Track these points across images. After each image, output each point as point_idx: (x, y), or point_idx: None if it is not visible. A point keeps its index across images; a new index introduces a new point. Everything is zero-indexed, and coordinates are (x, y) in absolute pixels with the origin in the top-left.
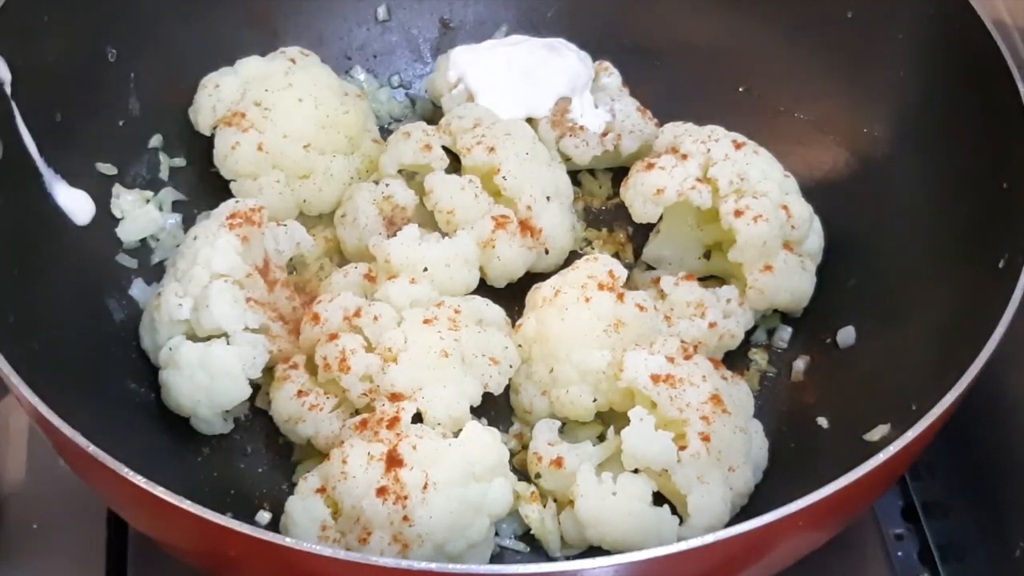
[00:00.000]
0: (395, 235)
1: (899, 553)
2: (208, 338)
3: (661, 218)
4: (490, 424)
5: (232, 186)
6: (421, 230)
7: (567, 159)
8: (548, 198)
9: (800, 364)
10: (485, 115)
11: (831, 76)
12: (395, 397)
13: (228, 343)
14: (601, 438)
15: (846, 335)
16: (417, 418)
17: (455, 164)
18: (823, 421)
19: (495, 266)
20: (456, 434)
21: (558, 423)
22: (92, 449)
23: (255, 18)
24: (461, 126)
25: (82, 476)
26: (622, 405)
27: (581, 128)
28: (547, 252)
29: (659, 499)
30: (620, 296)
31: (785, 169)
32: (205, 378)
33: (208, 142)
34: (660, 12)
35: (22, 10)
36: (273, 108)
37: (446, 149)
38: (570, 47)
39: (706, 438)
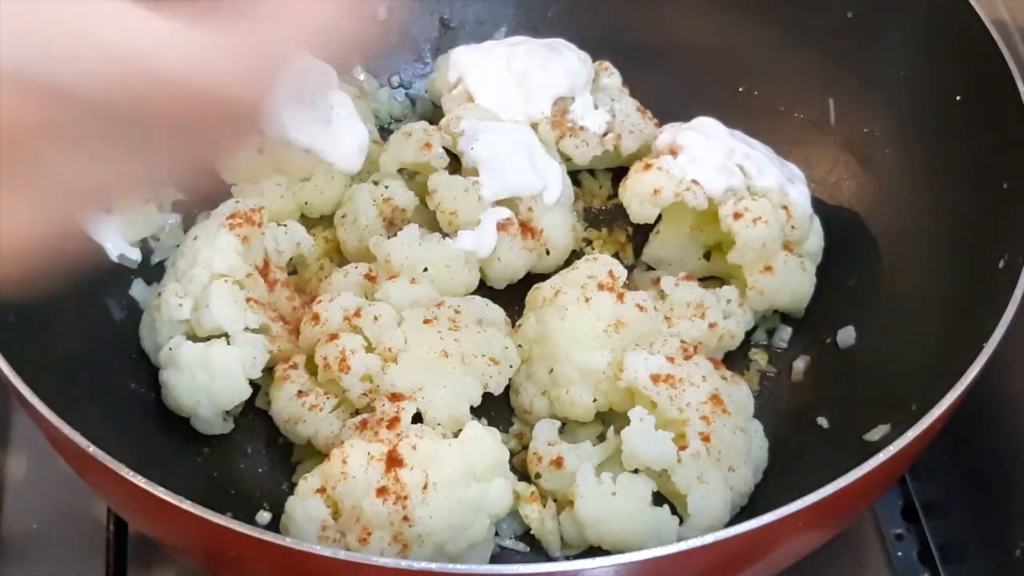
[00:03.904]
0: (395, 235)
1: (899, 553)
2: (208, 338)
3: (661, 219)
4: (490, 424)
5: (233, 189)
6: (421, 230)
7: (567, 159)
8: None
9: (800, 364)
10: (485, 115)
11: (831, 76)
12: (395, 397)
13: (228, 343)
14: (601, 438)
15: (846, 335)
16: (417, 418)
17: (455, 164)
18: (823, 421)
19: (496, 267)
20: (456, 434)
21: (558, 423)
22: (92, 449)
23: None
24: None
25: (82, 476)
26: (622, 405)
27: (581, 128)
28: (548, 253)
29: (659, 499)
30: (620, 296)
31: None
32: (205, 378)
33: None
34: (660, 12)
35: None
36: None
37: (446, 150)
38: (570, 47)
39: (706, 438)
